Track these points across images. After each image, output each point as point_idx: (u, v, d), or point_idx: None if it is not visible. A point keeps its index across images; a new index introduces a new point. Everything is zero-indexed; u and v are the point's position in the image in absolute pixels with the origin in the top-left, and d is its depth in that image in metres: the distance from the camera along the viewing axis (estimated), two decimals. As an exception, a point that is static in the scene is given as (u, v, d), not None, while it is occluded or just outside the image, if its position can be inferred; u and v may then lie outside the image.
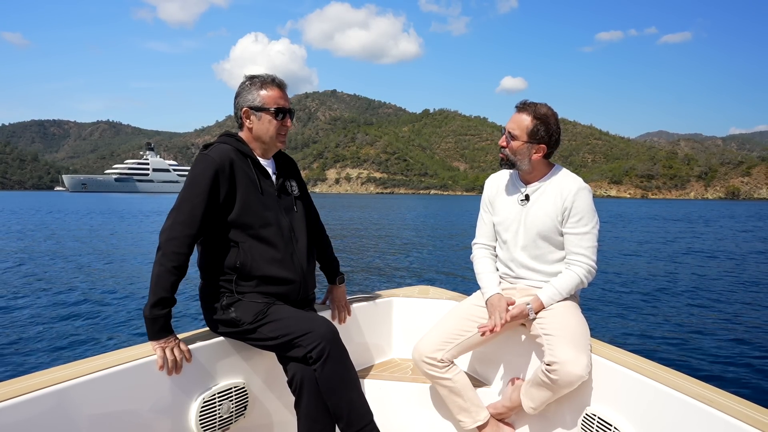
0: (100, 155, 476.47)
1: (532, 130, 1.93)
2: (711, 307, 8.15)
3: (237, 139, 1.89)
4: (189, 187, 1.73)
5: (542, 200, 2.01)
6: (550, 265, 2.03)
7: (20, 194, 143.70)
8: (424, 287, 2.80)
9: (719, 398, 1.40)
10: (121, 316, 6.95)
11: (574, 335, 1.80)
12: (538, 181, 2.04)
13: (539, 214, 1.99)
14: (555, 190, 1.99)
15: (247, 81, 1.89)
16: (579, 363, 1.71)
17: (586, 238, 1.94)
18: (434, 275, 11.10)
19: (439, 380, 2.02)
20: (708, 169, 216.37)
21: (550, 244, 2.01)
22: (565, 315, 1.89)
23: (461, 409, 2.03)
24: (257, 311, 1.78)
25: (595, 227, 1.95)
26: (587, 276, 1.95)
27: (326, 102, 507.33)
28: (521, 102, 2.00)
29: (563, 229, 1.97)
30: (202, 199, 1.72)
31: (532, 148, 1.95)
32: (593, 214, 1.95)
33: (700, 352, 5.79)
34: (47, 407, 1.36)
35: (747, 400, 1.38)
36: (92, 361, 1.54)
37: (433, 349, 2.00)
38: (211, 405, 1.77)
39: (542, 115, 1.93)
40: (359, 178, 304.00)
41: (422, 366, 2.02)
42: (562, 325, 1.84)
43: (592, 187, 1.97)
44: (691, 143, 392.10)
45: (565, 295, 1.95)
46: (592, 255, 1.94)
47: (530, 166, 2.00)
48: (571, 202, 1.93)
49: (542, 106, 1.96)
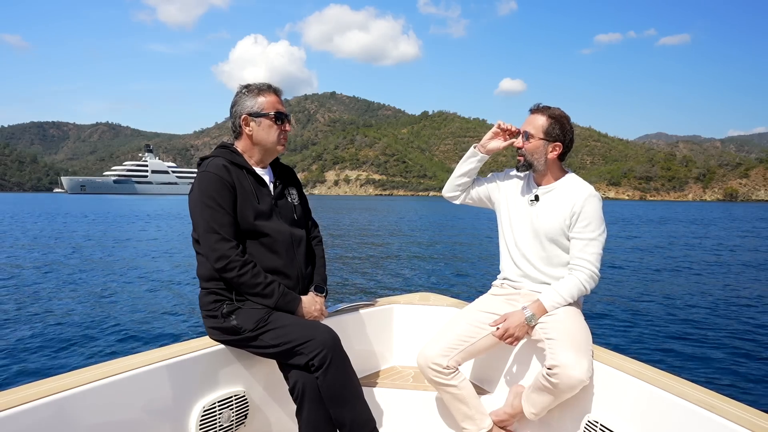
0: (99, 157, 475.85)
1: (548, 128, 1.98)
2: (713, 312, 8.14)
3: (231, 151, 1.91)
4: (205, 208, 1.76)
5: (552, 202, 2.02)
6: (555, 268, 2.04)
7: (18, 196, 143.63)
8: (425, 294, 2.79)
9: (722, 404, 1.40)
10: (122, 325, 6.93)
11: (576, 339, 1.80)
12: (550, 183, 2.06)
13: (548, 216, 2.01)
14: (565, 193, 2.01)
15: (243, 89, 1.90)
16: (580, 367, 1.70)
17: (592, 244, 1.94)
18: (435, 282, 11.09)
19: (445, 387, 2.00)
20: (706, 171, 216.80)
21: (556, 246, 2.02)
22: (567, 320, 1.89)
23: (465, 417, 2.02)
24: (258, 318, 1.77)
25: (602, 235, 1.96)
26: (589, 282, 1.95)
27: (325, 104, 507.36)
28: (535, 105, 2.06)
29: (570, 234, 1.98)
30: (222, 209, 1.76)
31: (548, 146, 2.00)
32: (601, 222, 1.96)
33: (703, 358, 5.79)
34: (47, 416, 1.35)
35: (749, 406, 1.38)
36: (92, 370, 1.53)
37: (439, 355, 1.99)
38: (211, 413, 1.76)
39: (557, 116, 2.00)
40: (358, 180, 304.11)
41: (428, 372, 2.01)
42: (563, 330, 1.84)
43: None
44: (689, 145, 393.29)
45: (567, 299, 1.95)
46: (596, 262, 1.94)
47: (546, 166, 2.04)
48: (580, 207, 1.94)
49: (556, 109, 2.02)
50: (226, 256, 1.73)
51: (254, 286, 1.76)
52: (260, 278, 1.77)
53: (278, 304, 1.79)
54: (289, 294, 1.84)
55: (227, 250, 1.73)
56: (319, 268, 2.11)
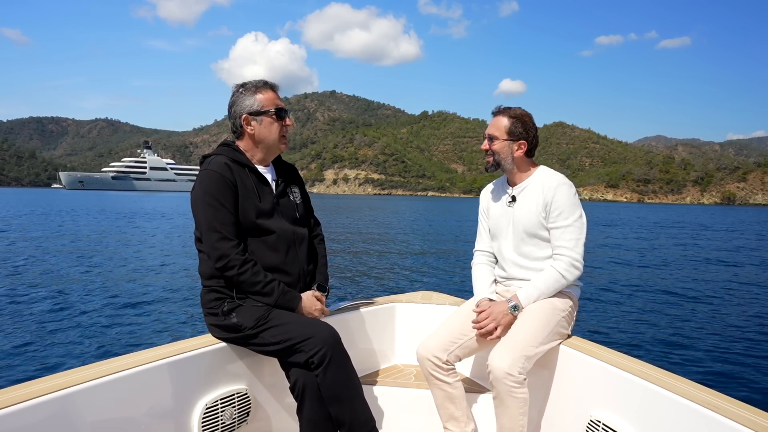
0: (97, 153, 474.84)
1: (510, 128, 2.03)
2: (715, 312, 8.16)
3: (234, 149, 1.90)
4: (207, 207, 1.76)
5: (527, 198, 2.06)
6: (540, 262, 2.06)
7: (17, 191, 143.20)
8: (427, 293, 2.79)
9: (724, 404, 1.39)
10: (125, 323, 6.91)
11: (516, 338, 1.81)
12: (523, 181, 2.11)
13: (524, 212, 2.04)
14: (537, 187, 2.04)
15: (239, 89, 1.89)
16: (502, 359, 1.73)
17: (568, 231, 1.95)
18: (437, 280, 11.09)
19: (439, 383, 2.00)
20: (704, 175, 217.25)
21: (539, 240, 2.04)
22: (526, 318, 1.91)
23: (451, 417, 2.01)
24: (258, 316, 1.78)
25: (578, 221, 1.96)
26: (568, 270, 1.95)
27: (325, 103, 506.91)
28: (496, 107, 2.12)
29: (547, 225, 2.01)
30: (224, 207, 1.76)
31: (513, 145, 2.04)
32: (574, 208, 1.97)
33: (705, 357, 5.79)
34: (50, 413, 1.36)
35: (752, 405, 1.38)
36: (95, 368, 1.53)
37: (440, 349, 2.00)
38: (213, 411, 1.77)
39: (518, 115, 2.04)
40: (357, 179, 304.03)
41: (426, 364, 2.01)
42: (516, 329, 1.87)
43: (588, 191, 2.82)
44: (688, 148, 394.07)
45: (545, 293, 1.96)
46: (575, 248, 1.95)
47: (514, 164, 2.08)
48: (551, 196, 1.97)
49: (517, 108, 2.07)
50: (226, 255, 1.74)
51: (254, 284, 1.77)
52: (260, 277, 1.78)
53: (278, 303, 1.80)
54: (290, 292, 1.84)
55: (228, 249, 1.74)
56: (321, 267, 2.11)
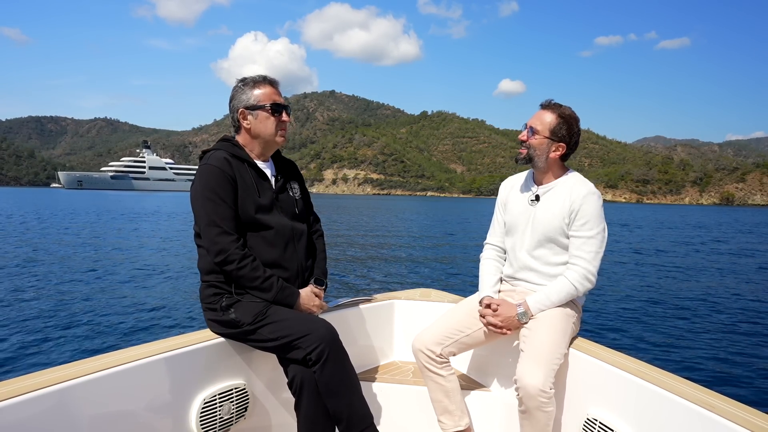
0: (96, 152, 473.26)
1: (555, 127, 1.94)
2: (712, 311, 8.28)
3: (233, 144, 1.92)
4: (206, 201, 1.76)
5: (551, 201, 1.99)
6: (553, 268, 2.00)
7: (16, 191, 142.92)
8: (426, 290, 2.79)
9: (721, 404, 1.40)
10: (124, 317, 7.03)
11: (539, 351, 1.77)
12: (550, 182, 2.03)
13: (547, 215, 1.98)
14: (565, 192, 1.97)
15: (239, 83, 1.91)
16: (533, 376, 1.69)
17: (589, 242, 1.90)
18: (436, 278, 11.21)
19: (433, 376, 2.00)
20: (703, 175, 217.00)
21: (556, 245, 1.98)
22: (542, 328, 1.85)
23: (445, 411, 2.01)
24: (256, 312, 1.78)
25: (600, 233, 1.91)
26: (581, 282, 1.91)
27: (325, 102, 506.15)
28: (546, 101, 2.01)
29: (569, 232, 1.95)
30: (224, 202, 1.77)
31: (552, 145, 1.96)
32: (600, 220, 1.91)
33: (703, 357, 5.87)
34: (48, 407, 1.36)
35: (748, 405, 1.38)
36: (93, 361, 1.54)
37: (434, 342, 1.99)
38: (211, 406, 1.78)
39: (566, 116, 1.95)
40: (356, 179, 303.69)
41: (420, 357, 2.01)
42: (535, 340, 1.82)
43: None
44: (687, 149, 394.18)
45: (555, 302, 1.91)
46: (592, 260, 1.90)
47: (546, 164, 2.00)
48: (579, 204, 1.91)
49: (567, 108, 1.97)
50: (225, 250, 1.74)
51: (253, 279, 1.77)
52: (259, 272, 1.78)
53: (277, 298, 1.81)
54: (288, 288, 1.85)
55: (227, 244, 1.74)
56: (320, 262, 2.11)
